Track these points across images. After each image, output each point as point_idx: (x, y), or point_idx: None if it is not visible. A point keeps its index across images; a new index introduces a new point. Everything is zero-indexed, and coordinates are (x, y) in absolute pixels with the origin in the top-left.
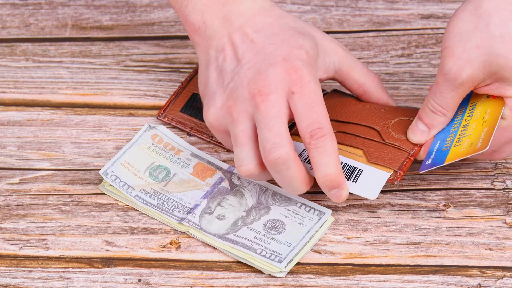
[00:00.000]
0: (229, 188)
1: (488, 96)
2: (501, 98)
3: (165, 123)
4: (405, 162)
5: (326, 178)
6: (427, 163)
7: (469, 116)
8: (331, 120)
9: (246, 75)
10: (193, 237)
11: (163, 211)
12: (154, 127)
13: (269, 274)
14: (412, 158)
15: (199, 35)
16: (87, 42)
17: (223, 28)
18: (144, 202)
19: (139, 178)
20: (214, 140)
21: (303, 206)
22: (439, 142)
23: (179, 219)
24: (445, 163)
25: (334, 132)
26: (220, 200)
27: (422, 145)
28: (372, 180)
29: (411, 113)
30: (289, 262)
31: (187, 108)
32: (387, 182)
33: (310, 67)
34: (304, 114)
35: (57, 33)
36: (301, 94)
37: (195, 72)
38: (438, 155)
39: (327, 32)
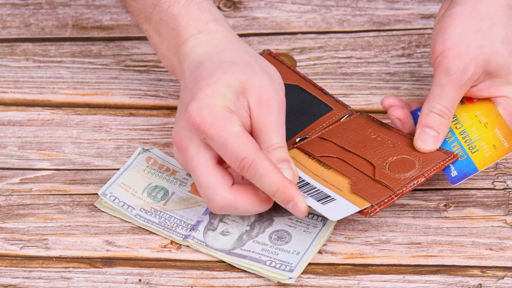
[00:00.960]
0: None
1: (462, 102)
2: (482, 99)
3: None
4: (386, 200)
5: (276, 196)
6: (454, 175)
7: (457, 123)
8: (336, 145)
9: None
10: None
11: (165, 229)
12: (147, 149)
13: (278, 282)
14: (396, 198)
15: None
16: (87, 42)
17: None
18: (146, 221)
19: (138, 198)
20: None
21: None
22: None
23: (183, 236)
24: (479, 170)
25: (333, 158)
26: (222, 216)
27: (411, 188)
28: (341, 207)
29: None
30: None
31: None
32: (359, 212)
33: (210, 108)
34: (224, 155)
35: (58, 33)
36: (211, 139)
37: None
38: (460, 165)
39: (327, 32)
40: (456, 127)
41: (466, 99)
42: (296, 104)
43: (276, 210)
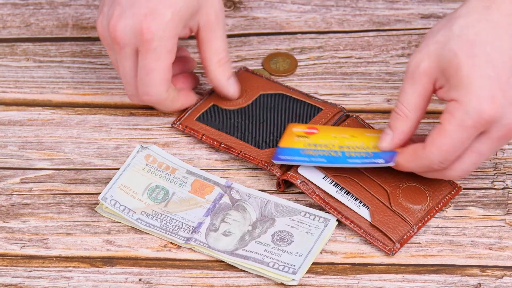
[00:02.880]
0: (230, 203)
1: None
2: (320, 126)
3: (178, 131)
4: (405, 237)
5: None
6: (389, 162)
7: (331, 147)
8: None
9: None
10: (199, 252)
11: (167, 232)
12: (146, 147)
13: (281, 283)
14: (413, 234)
15: None
16: (87, 42)
17: None
18: (147, 225)
19: (138, 201)
20: (223, 147)
21: (308, 215)
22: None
23: (185, 239)
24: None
25: (345, 177)
26: (223, 216)
27: (425, 222)
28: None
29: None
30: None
31: (203, 116)
32: (384, 251)
33: (166, 27)
34: (140, 79)
35: (58, 33)
36: (144, 53)
37: None
38: (383, 155)
39: (327, 32)
40: (333, 145)
41: (306, 133)
42: (284, 109)
43: (277, 209)
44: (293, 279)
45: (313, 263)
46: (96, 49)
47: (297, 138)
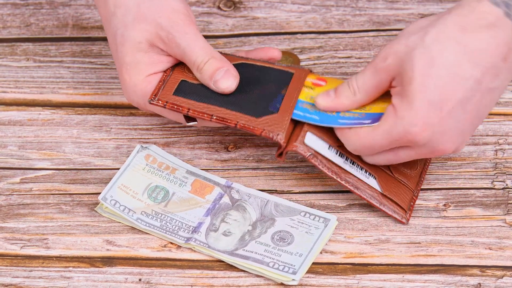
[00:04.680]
0: (230, 203)
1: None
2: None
3: (158, 106)
4: (412, 203)
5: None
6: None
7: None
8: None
9: None
10: (199, 252)
11: (167, 232)
12: (146, 147)
13: (281, 283)
14: (416, 199)
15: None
16: (87, 42)
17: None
18: (147, 225)
19: (138, 201)
20: (215, 119)
21: (308, 215)
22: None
23: (185, 239)
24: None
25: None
26: (223, 216)
27: (420, 185)
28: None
29: None
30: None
31: (180, 90)
32: (398, 220)
33: (133, 91)
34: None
35: (58, 33)
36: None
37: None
38: (372, 116)
39: (327, 32)
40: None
41: (313, 83)
42: (256, 78)
43: (277, 209)
44: (293, 279)
45: (313, 263)
46: (96, 49)
47: (305, 88)
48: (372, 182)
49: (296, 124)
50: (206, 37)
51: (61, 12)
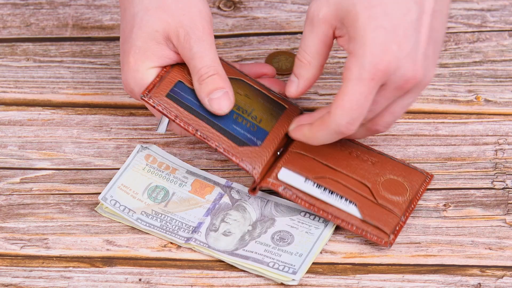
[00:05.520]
0: (230, 203)
1: None
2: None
3: (149, 105)
4: (397, 228)
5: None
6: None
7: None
8: (320, 163)
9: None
10: (199, 252)
11: (167, 232)
12: (146, 147)
13: (281, 283)
14: (403, 224)
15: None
16: (87, 42)
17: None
18: (147, 225)
19: (138, 201)
20: (199, 135)
21: (307, 215)
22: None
23: (185, 239)
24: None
25: (326, 178)
26: (223, 216)
27: (410, 212)
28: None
29: (398, 168)
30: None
31: (173, 94)
32: (380, 244)
33: (134, 80)
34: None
35: (58, 33)
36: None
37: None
38: (256, 135)
39: None
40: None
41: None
42: (246, 101)
43: (277, 209)
44: (293, 279)
45: (313, 263)
46: (96, 49)
47: None
48: (352, 209)
49: (276, 159)
50: None
51: (61, 12)
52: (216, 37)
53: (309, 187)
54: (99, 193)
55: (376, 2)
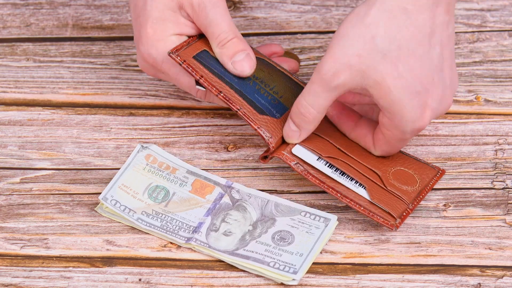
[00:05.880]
0: (230, 203)
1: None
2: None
3: (176, 62)
4: (404, 213)
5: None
6: (277, 117)
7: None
8: (333, 145)
9: None
10: (199, 252)
11: (168, 232)
12: (146, 147)
13: (281, 283)
14: (410, 212)
15: None
16: (87, 42)
17: None
18: (148, 225)
19: (138, 201)
20: (222, 96)
21: (308, 215)
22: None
23: (186, 239)
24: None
25: (338, 160)
26: (224, 216)
27: (418, 201)
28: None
29: (410, 162)
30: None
31: (199, 57)
32: (387, 226)
33: (155, 48)
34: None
35: (58, 33)
36: (165, 74)
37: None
38: (278, 108)
39: (327, 32)
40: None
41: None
42: (269, 77)
43: (277, 209)
44: (294, 279)
45: (313, 263)
46: (96, 49)
47: None
48: (361, 191)
49: None
50: None
51: (61, 12)
52: None
53: (321, 166)
54: (99, 193)
55: (403, 69)
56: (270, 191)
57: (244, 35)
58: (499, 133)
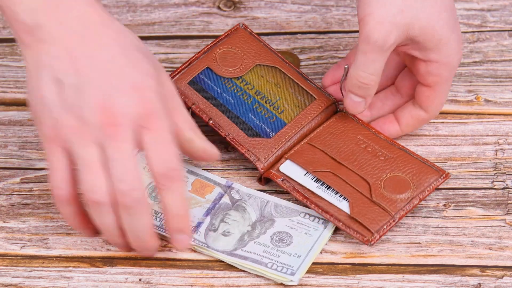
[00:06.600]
0: (230, 203)
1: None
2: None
3: None
4: (385, 227)
5: (176, 219)
6: (271, 135)
7: (247, 85)
8: (327, 155)
9: (91, 96)
10: (199, 252)
11: (167, 232)
12: None
13: (281, 283)
14: (394, 224)
15: (29, 35)
16: None
17: (59, 34)
18: None
19: None
20: (211, 123)
21: (307, 216)
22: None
23: None
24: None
25: (326, 172)
26: (223, 216)
27: (407, 211)
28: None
29: (412, 165)
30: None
31: (195, 82)
32: (362, 241)
33: (161, 99)
34: (157, 153)
35: None
36: (154, 131)
37: (214, 43)
38: (273, 126)
39: (327, 32)
40: (248, 88)
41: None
42: (279, 89)
43: (277, 210)
44: (291, 280)
45: (313, 263)
46: None
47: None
48: (344, 205)
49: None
50: (206, 37)
51: None
52: (216, 37)
53: (307, 181)
54: None
55: (439, 9)
56: (270, 192)
57: None
58: (499, 133)
